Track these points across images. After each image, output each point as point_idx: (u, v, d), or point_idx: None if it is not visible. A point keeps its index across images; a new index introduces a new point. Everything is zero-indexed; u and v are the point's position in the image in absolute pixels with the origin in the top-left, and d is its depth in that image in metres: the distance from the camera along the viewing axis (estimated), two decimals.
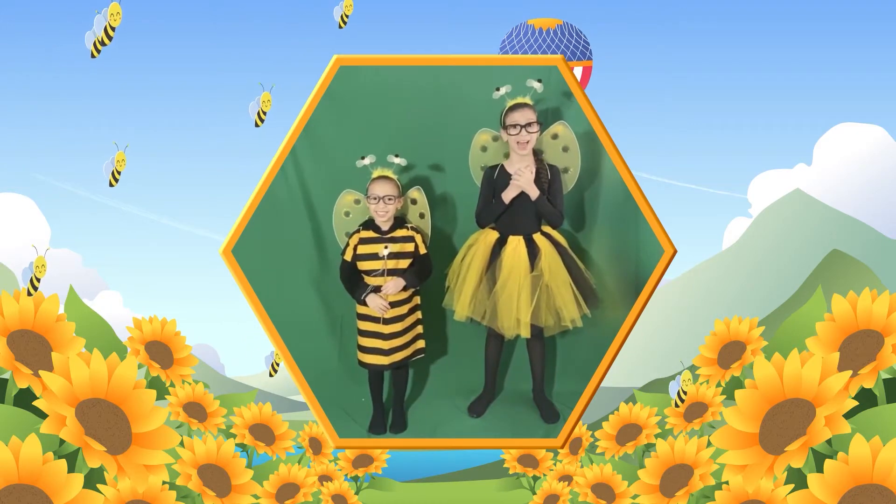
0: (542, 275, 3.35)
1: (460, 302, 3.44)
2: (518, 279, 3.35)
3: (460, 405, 3.63)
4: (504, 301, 3.36)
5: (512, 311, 3.36)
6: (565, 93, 3.35)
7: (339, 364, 3.72)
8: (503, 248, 3.39)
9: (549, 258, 3.37)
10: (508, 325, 3.38)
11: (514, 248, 3.37)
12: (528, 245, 3.37)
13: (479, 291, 3.41)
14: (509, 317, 3.37)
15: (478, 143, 3.50)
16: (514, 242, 3.38)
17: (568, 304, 3.37)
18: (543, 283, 3.35)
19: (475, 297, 3.41)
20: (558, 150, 3.45)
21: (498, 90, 3.27)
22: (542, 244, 3.38)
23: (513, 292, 3.35)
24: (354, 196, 3.51)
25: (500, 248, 3.39)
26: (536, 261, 3.36)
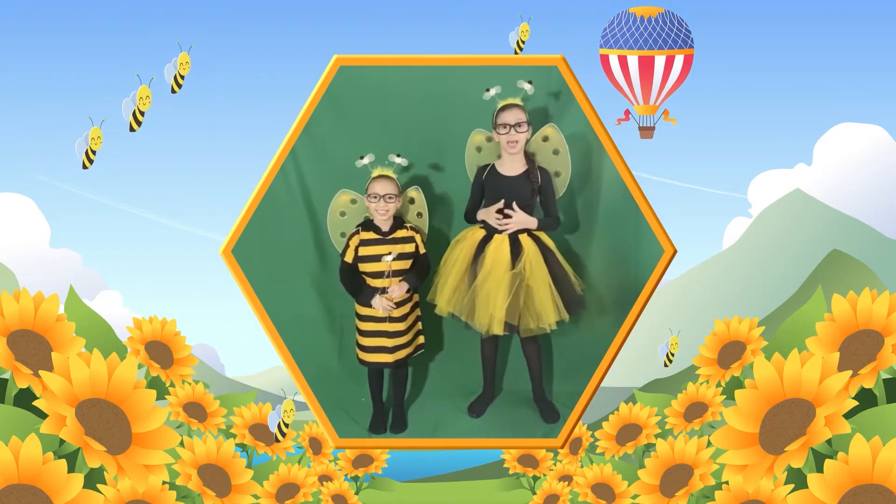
0: (521, 273, 3.35)
1: (442, 296, 3.44)
2: (497, 276, 3.34)
3: (460, 405, 3.63)
4: (482, 297, 3.36)
5: (488, 308, 3.36)
6: (566, 93, 3.35)
7: (339, 364, 3.72)
8: (487, 244, 3.39)
9: (532, 258, 3.36)
10: (483, 322, 3.38)
11: (498, 245, 3.37)
12: (512, 244, 3.37)
13: (461, 287, 3.41)
14: (485, 313, 3.37)
15: (472, 143, 3.50)
16: (499, 240, 3.38)
17: (546, 307, 3.36)
18: (523, 282, 3.35)
19: (456, 293, 3.41)
20: (549, 153, 3.45)
21: (488, 91, 3.28)
22: (526, 244, 3.38)
23: (490, 289, 3.35)
24: (351, 196, 3.51)
25: (486, 245, 3.40)
26: (518, 259, 3.36)
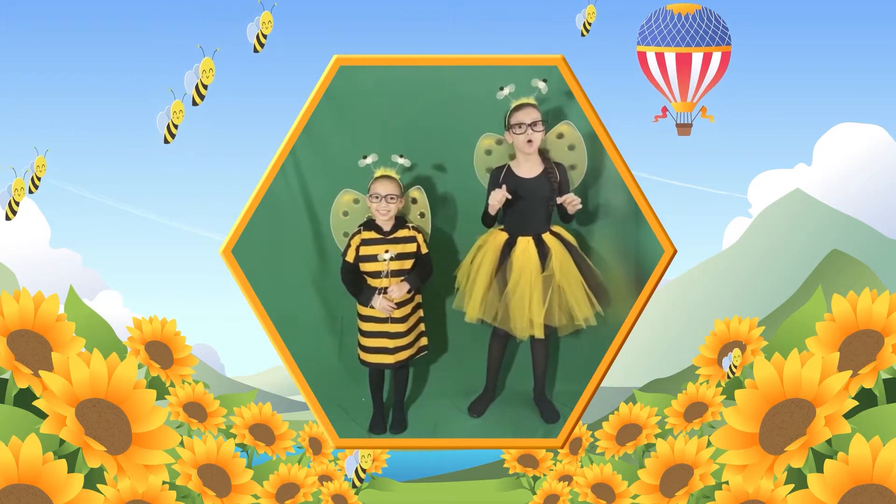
0: (553, 275, 3.35)
1: (471, 304, 3.42)
2: (529, 280, 3.34)
3: (460, 405, 3.63)
4: (516, 302, 3.35)
5: (525, 313, 3.35)
6: (566, 93, 3.35)
7: (339, 364, 3.72)
8: (513, 249, 3.38)
9: (560, 258, 3.36)
10: (522, 327, 3.37)
11: (524, 248, 3.37)
12: (537, 245, 3.37)
13: (490, 293, 3.39)
14: (522, 318, 3.36)
15: (482, 147, 3.50)
16: (524, 243, 3.37)
17: (581, 303, 3.36)
18: (555, 283, 3.35)
19: (486, 299, 3.40)
20: (564, 148, 3.45)
21: (502, 90, 3.27)
22: (551, 244, 3.37)
23: (524, 293, 3.34)
24: (353, 196, 3.51)
25: (510, 250, 3.39)
26: (547, 261, 3.36)
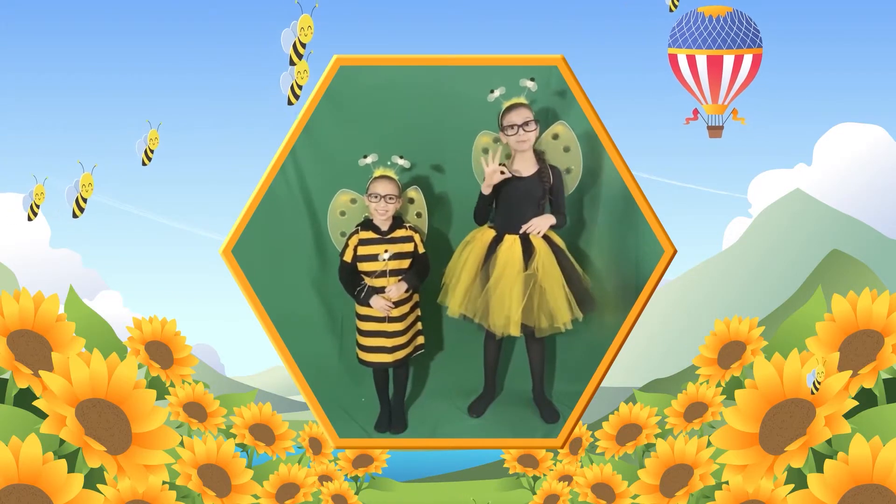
0: (535, 274, 3.34)
1: (454, 299, 3.43)
2: (511, 277, 3.34)
3: (460, 405, 3.63)
4: (496, 299, 3.36)
5: (503, 309, 3.35)
6: (566, 93, 3.35)
7: (339, 364, 3.72)
8: (499, 245, 3.39)
9: (544, 258, 3.36)
10: (499, 324, 3.37)
11: (510, 246, 3.37)
12: (523, 244, 3.37)
13: (473, 289, 3.40)
14: (500, 315, 3.36)
15: (479, 145, 3.50)
16: (510, 241, 3.37)
17: (560, 306, 3.36)
18: (537, 282, 3.34)
19: (468, 295, 3.41)
20: (559, 150, 3.45)
21: (492, 92, 3.27)
22: (538, 244, 3.37)
23: (504, 290, 3.35)
24: (350, 196, 3.51)
25: (497, 246, 3.39)
26: (531, 260, 3.36)
